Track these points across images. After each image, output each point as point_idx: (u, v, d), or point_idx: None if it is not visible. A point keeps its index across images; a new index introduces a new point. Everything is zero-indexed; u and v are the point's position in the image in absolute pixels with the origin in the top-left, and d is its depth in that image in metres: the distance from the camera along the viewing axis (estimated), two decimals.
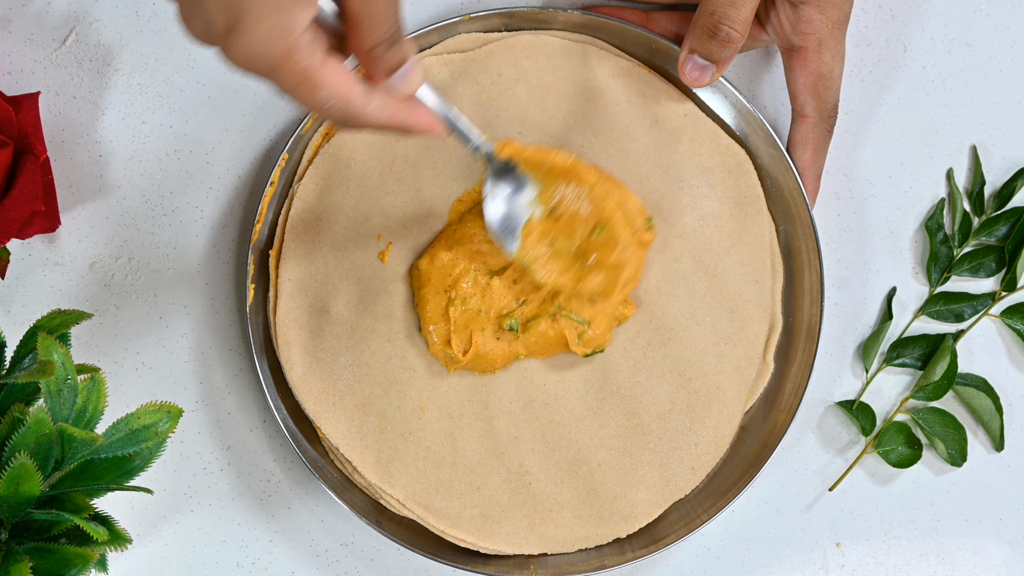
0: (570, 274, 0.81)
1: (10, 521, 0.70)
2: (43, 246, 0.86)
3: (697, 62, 0.82)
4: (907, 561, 0.88)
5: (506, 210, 0.80)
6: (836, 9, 0.81)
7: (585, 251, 0.80)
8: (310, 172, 0.84)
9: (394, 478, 0.83)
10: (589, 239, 0.80)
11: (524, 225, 0.80)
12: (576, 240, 0.80)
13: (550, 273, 0.80)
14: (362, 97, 0.65)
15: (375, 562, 0.86)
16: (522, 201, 0.80)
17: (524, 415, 0.84)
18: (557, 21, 0.86)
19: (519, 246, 0.80)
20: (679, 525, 0.84)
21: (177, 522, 0.86)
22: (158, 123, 0.87)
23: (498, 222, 0.79)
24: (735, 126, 0.86)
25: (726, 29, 0.79)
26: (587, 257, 0.80)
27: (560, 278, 0.81)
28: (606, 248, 0.80)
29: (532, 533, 0.83)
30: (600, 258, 0.81)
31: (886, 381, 0.88)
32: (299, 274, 0.84)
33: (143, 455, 0.72)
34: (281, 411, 0.84)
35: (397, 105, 0.67)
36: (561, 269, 0.81)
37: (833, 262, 0.88)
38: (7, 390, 0.74)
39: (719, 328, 0.84)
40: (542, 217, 0.80)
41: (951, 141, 0.89)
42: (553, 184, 0.80)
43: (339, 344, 0.83)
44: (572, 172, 0.80)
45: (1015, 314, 0.88)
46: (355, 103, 0.65)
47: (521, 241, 0.80)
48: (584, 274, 0.81)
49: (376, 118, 0.66)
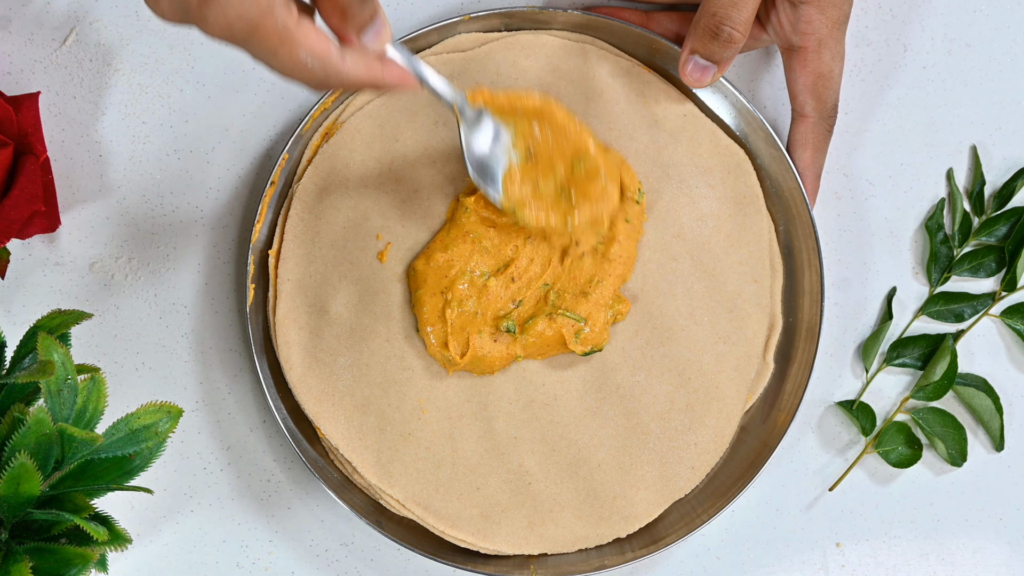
0: (557, 213, 0.80)
1: (10, 521, 0.70)
2: (43, 246, 0.86)
3: (698, 63, 0.82)
4: (907, 561, 0.88)
5: (484, 158, 0.79)
6: (836, 9, 0.81)
7: (568, 188, 0.80)
8: (309, 172, 0.84)
9: (393, 478, 0.83)
10: (571, 175, 0.80)
11: (506, 172, 0.79)
12: (557, 178, 0.80)
13: (537, 215, 0.80)
14: (338, 55, 0.66)
15: (375, 562, 0.86)
16: (499, 148, 0.79)
17: (523, 415, 0.84)
18: (557, 21, 0.86)
19: (502, 193, 0.79)
20: (679, 525, 0.84)
21: (177, 522, 0.86)
22: (158, 123, 0.87)
23: (478, 171, 0.79)
24: (735, 126, 0.86)
25: (728, 30, 0.79)
26: (570, 193, 0.80)
27: (548, 219, 0.80)
28: (588, 181, 0.80)
29: (532, 533, 0.83)
30: (583, 192, 0.80)
31: (886, 381, 0.88)
32: (298, 274, 0.84)
33: (143, 455, 0.72)
34: (281, 411, 0.84)
35: (371, 61, 0.68)
36: (547, 209, 0.80)
37: (833, 262, 0.88)
38: (7, 390, 0.74)
39: (718, 328, 0.84)
40: (521, 161, 0.79)
41: (951, 141, 0.89)
42: (527, 127, 0.79)
43: (338, 344, 0.83)
44: (543, 112, 0.79)
45: (1015, 314, 0.88)
46: (333, 60, 0.65)
47: (504, 187, 0.79)
48: (570, 210, 0.80)
49: (353, 74, 0.67)
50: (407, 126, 0.85)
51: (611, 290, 0.83)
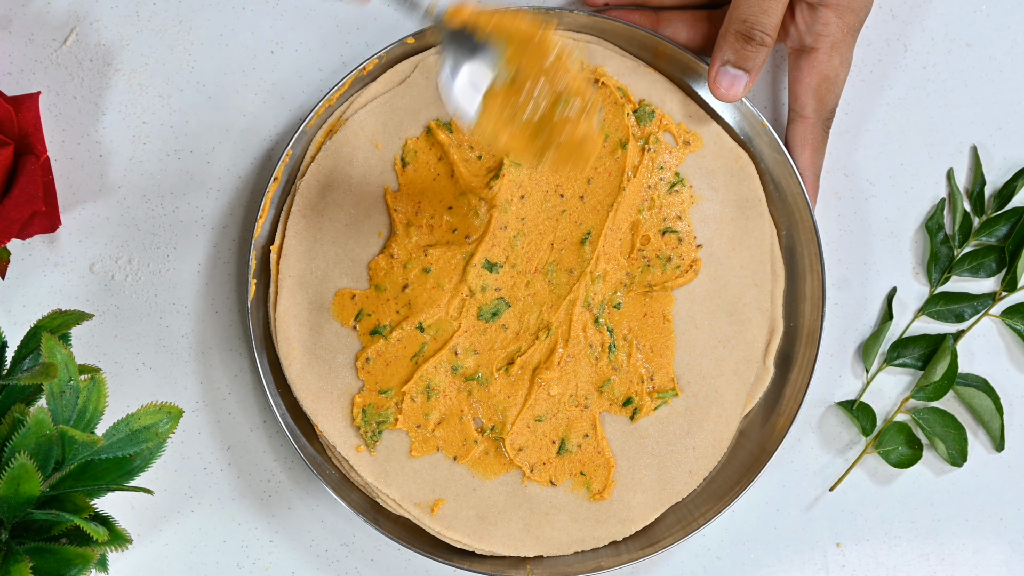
0: (531, 150, 0.74)
1: (10, 521, 0.70)
2: (43, 246, 0.86)
3: (730, 72, 0.82)
4: (907, 561, 0.88)
5: (462, 81, 0.73)
6: (853, 15, 0.82)
7: (549, 125, 0.74)
8: (312, 168, 0.84)
9: (390, 478, 0.83)
10: (553, 112, 0.74)
11: (489, 89, 0.73)
12: (539, 112, 0.73)
13: (510, 144, 0.74)
14: None
15: (375, 562, 0.86)
16: (480, 70, 0.73)
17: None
18: (563, 22, 0.86)
19: (478, 117, 0.73)
20: (676, 528, 0.84)
21: (177, 522, 0.86)
22: (158, 123, 0.87)
23: (454, 93, 0.73)
24: (738, 129, 0.86)
25: (759, 34, 0.80)
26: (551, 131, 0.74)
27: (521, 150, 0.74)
28: (573, 123, 0.74)
29: (528, 535, 0.83)
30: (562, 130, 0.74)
31: (886, 381, 0.88)
32: (299, 270, 0.84)
33: (143, 455, 0.72)
34: (280, 408, 0.84)
35: None
36: (524, 140, 0.74)
37: (833, 262, 0.88)
38: (8, 390, 0.74)
39: (717, 332, 0.84)
40: (503, 85, 0.73)
41: (951, 141, 0.89)
42: (517, 52, 0.73)
43: (338, 342, 0.83)
44: (536, 42, 0.73)
45: (1015, 314, 0.88)
46: None
47: (484, 105, 0.73)
48: (546, 148, 0.74)
49: None
50: (411, 123, 0.85)
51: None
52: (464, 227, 0.83)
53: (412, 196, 0.83)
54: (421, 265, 0.83)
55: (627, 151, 0.83)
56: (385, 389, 0.82)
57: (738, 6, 0.81)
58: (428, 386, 0.82)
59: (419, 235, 0.83)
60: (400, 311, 0.83)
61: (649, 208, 0.84)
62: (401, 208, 0.83)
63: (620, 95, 0.83)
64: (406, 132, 0.84)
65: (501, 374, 0.83)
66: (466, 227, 0.83)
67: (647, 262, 0.84)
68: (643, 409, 0.83)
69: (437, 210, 0.83)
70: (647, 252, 0.84)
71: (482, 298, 0.83)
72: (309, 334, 0.84)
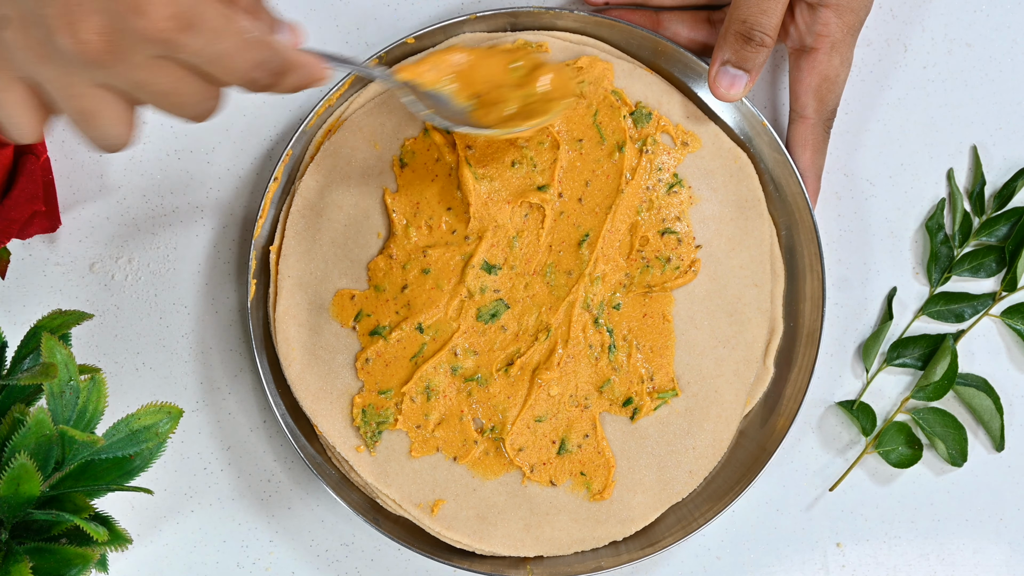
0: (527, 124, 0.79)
1: (10, 521, 0.70)
2: (43, 246, 0.86)
3: (730, 72, 0.82)
4: (907, 561, 0.88)
5: (441, 119, 0.78)
6: (853, 15, 0.82)
7: (528, 110, 0.79)
8: (311, 168, 0.84)
9: (390, 478, 0.83)
10: (525, 104, 0.79)
11: (466, 115, 0.78)
12: (515, 105, 0.79)
13: (510, 127, 0.78)
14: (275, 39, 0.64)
15: (375, 562, 0.86)
16: (448, 111, 0.78)
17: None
18: (563, 21, 0.86)
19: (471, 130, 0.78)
20: (675, 528, 0.84)
21: (177, 522, 0.86)
22: (158, 123, 0.87)
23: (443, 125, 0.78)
24: (738, 129, 0.86)
25: (759, 34, 0.80)
26: (529, 108, 0.79)
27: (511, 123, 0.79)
28: (545, 102, 0.79)
29: (528, 535, 0.83)
30: (544, 110, 0.79)
31: (886, 381, 0.88)
32: (299, 271, 0.84)
33: (143, 455, 0.72)
34: (280, 408, 0.84)
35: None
36: (513, 120, 0.79)
37: (833, 262, 0.88)
38: (8, 390, 0.74)
39: (717, 332, 0.84)
40: (474, 108, 0.78)
41: (951, 141, 0.89)
42: (462, 84, 0.78)
43: (337, 342, 0.83)
44: (474, 66, 0.78)
45: (1015, 314, 0.88)
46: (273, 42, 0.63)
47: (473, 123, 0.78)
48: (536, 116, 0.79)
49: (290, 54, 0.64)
50: (409, 124, 0.85)
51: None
52: (463, 228, 0.83)
53: (411, 197, 0.83)
54: (420, 266, 0.83)
55: (624, 153, 0.83)
56: (385, 389, 0.82)
57: (738, 6, 0.81)
58: (428, 387, 0.82)
59: (418, 236, 0.83)
60: (399, 312, 0.83)
61: (648, 209, 0.84)
62: (400, 209, 0.83)
63: (616, 98, 0.83)
64: (404, 133, 0.84)
65: (501, 375, 0.83)
66: (464, 228, 0.83)
67: (646, 263, 0.83)
68: (643, 409, 0.83)
69: (436, 211, 0.83)
70: (646, 253, 0.84)
71: (481, 299, 0.83)
72: (309, 334, 0.84)
